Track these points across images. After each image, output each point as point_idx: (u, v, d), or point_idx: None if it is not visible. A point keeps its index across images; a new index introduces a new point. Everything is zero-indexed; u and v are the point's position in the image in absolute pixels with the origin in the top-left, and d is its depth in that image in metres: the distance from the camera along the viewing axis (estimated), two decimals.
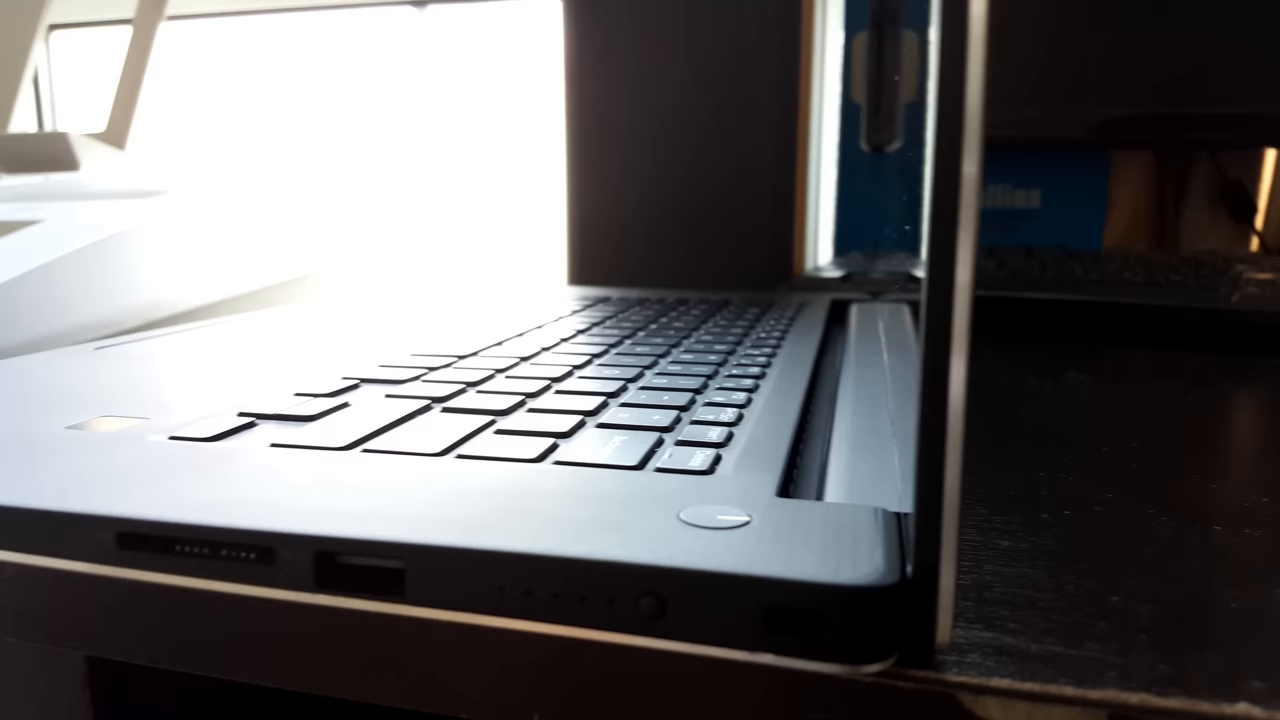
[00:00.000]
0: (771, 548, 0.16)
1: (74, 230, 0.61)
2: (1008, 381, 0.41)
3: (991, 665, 0.15)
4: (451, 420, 0.25)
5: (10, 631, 0.20)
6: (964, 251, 0.13)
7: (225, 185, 0.76)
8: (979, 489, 0.26)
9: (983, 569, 0.20)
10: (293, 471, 0.20)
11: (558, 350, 0.37)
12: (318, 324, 0.45)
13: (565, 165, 0.71)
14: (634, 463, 0.21)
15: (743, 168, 0.68)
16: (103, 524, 0.18)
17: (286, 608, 0.17)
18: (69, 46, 1.38)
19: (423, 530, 0.17)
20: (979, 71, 0.12)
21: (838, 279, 0.67)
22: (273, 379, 0.31)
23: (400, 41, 1.17)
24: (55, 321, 0.57)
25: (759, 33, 0.66)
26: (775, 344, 0.40)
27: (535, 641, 0.16)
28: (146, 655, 0.19)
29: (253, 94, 1.26)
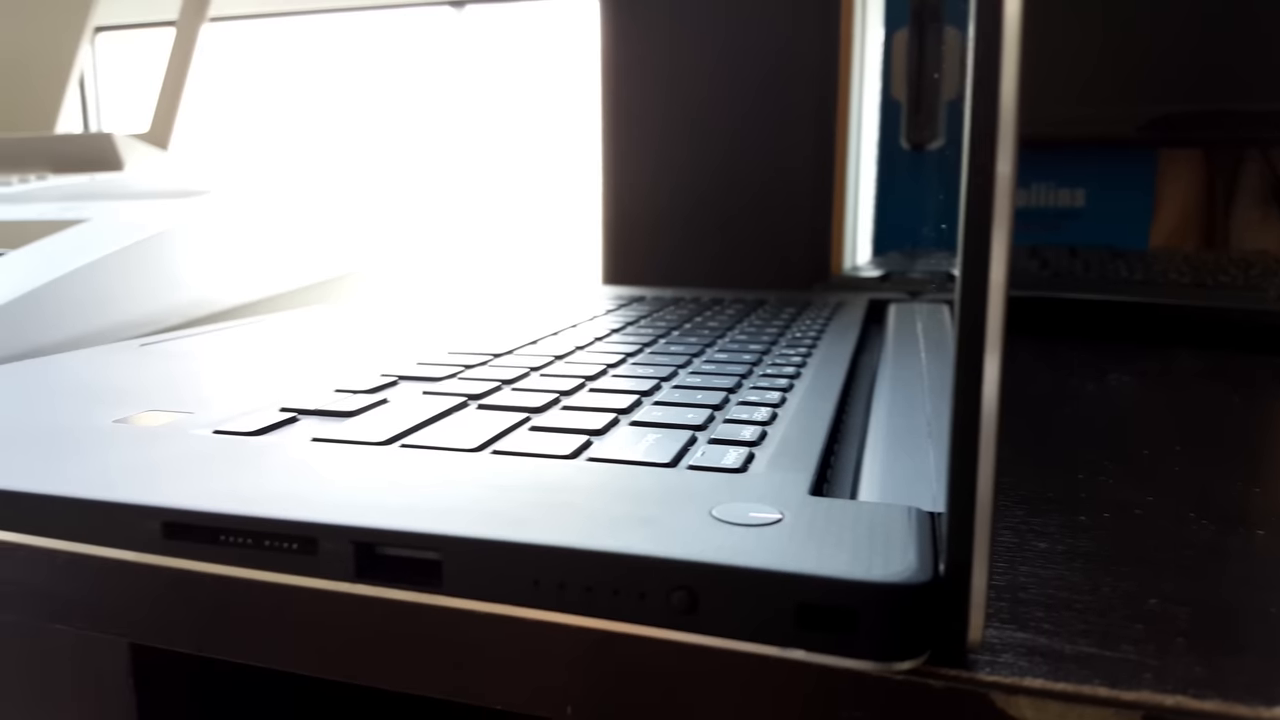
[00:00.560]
0: (803, 545, 0.16)
1: (118, 229, 0.63)
2: (1049, 383, 0.40)
3: (1025, 665, 0.15)
4: (487, 417, 0.25)
5: (58, 618, 0.20)
6: (998, 250, 0.13)
7: (265, 185, 0.77)
8: (1016, 490, 0.25)
9: (1018, 570, 0.20)
10: (334, 465, 0.21)
11: (592, 349, 0.37)
12: (356, 322, 0.45)
13: (600, 164, 0.71)
14: (667, 460, 0.21)
15: (780, 166, 0.68)
16: (150, 514, 0.18)
17: (327, 597, 0.18)
18: (114, 48, 1.41)
19: (459, 523, 0.17)
20: (1013, 70, 0.12)
21: (876, 279, 0.67)
22: (313, 375, 0.31)
23: (438, 41, 1.18)
24: (100, 319, 0.58)
25: (797, 30, 0.66)
26: (811, 343, 0.40)
27: (568, 634, 0.16)
28: (190, 643, 0.19)
29: (292, 94, 1.27)
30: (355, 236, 0.85)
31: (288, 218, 0.77)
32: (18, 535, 0.20)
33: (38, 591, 0.20)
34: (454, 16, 1.16)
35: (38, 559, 0.20)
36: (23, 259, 0.58)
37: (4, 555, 0.21)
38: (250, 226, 0.72)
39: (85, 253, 0.59)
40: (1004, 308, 0.13)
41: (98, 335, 0.57)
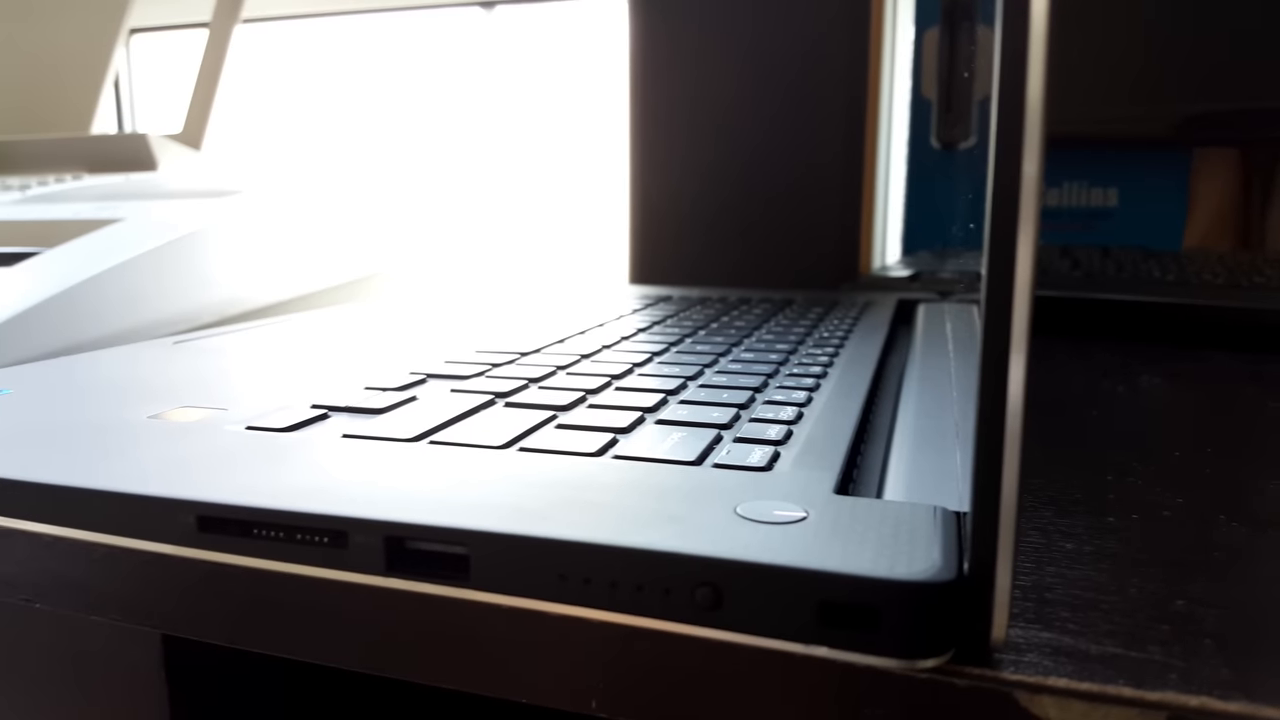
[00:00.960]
0: (828, 542, 0.16)
1: (152, 229, 0.64)
2: (1079, 384, 0.40)
3: (1049, 665, 0.15)
4: (514, 415, 0.26)
5: (94, 610, 0.21)
6: (1024, 250, 0.13)
7: (296, 186, 0.78)
8: (1044, 491, 0.25)
9: (1045, 570, 0.20)
10: (364, 461, 0.21)
11: (618, 348, 0.37)
12: (385, 321, 0.46)
13: (628, 164, 0.71)
14: (692, 458, 0.21)
15: (809, 165, 0.68)
16: (185, 508, 0.19)
17: (357, 590, 0.18)
18: (148, 49, 1.42)
19: (487, 518, 0.17)
20: (1040, 69, 0.12)
21: (905, 279, 0.67)
22: (343, 373, 0.32)
23: (468, 42, 1.18)
24: (134, 317, 0.59)
25: (827, 29, 0.66)
26: (838, 343, 0.40)
27: (593, 629, 0.17)
28: (223, 635, 0.20)
29: (323, 94, 1.29)
30: (383, 236, 0.86)
31: (317, 218, 0.77)
32: (56, 528, 0.21)
33: (75, 583, 0.21)
34: (484, 17, 1.17)
35: (75, 551, 0.21)
36: (59, 258, 0.59)
37: (43, 548, 0.21)
38: (281, 226, 0.73)
39: (119, 252, 0.60)
40: (1030, 307, 0.13)
41: (132, 333, 0.58)
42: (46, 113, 1.00)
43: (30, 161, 0.93)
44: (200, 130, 0.91)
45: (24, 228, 0.67)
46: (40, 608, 0.22)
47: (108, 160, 0.89)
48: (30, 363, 0.34)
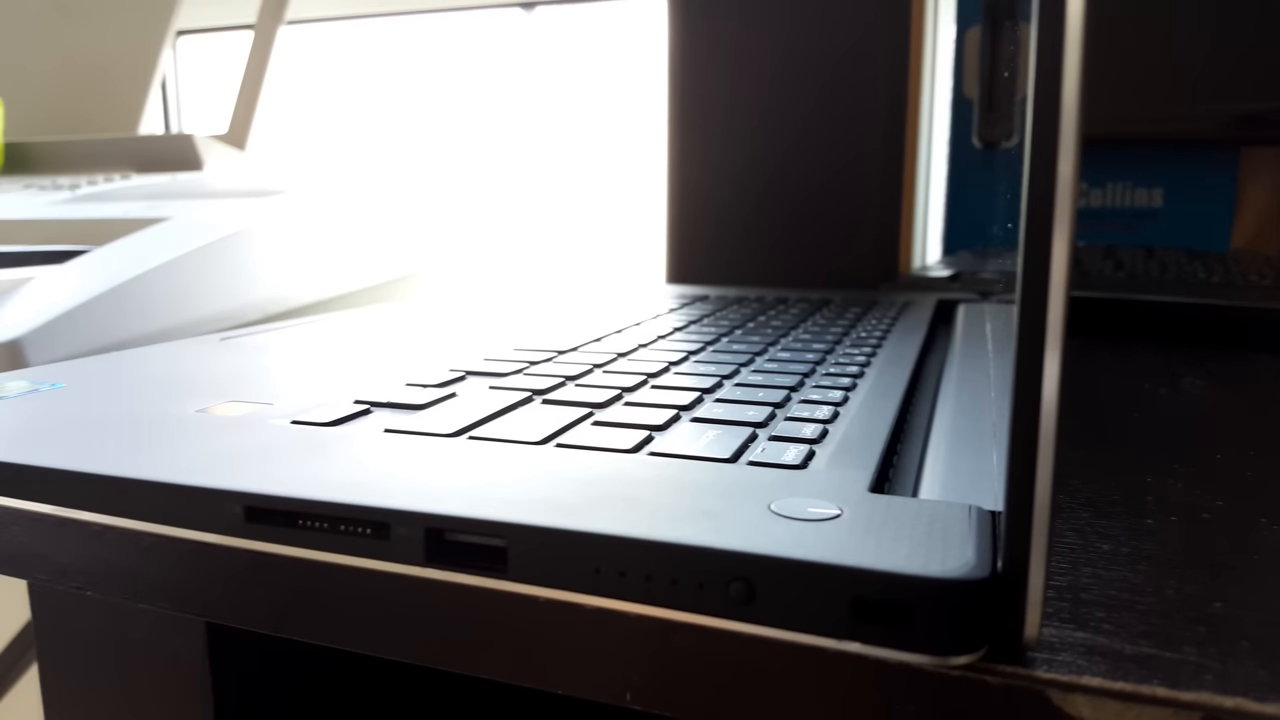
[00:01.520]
0: (861, 539, 0.16)
1: (197, 228, 0.65)
2: (1121, 386, 0.40)
3: (1083, 664, 0.15)
4: (552, 411, 0.26)
5: (142, 598, 0.22)
6: (1059, 250, 0.13)
7: (337, 186, 0.79)
8: (1082, 493, 0.25)
9: (1080, 571, 0.20)
10: (405, 455, 0.21)
11: (655, 347, 0.38)
12: (424, 319, 0.46)
13: (667, 163, 0.71)
14: (727, 456, 0.22)
15: (848, 165, 0.67)
16: (233, 498, 0.19)
17: (398, 580, 0.18)
18: (194, 51, 1.45)
19: (524, 511, 0.18)
20: (1076, 69, 0.12)
21: (945, 279, 0.66)
22: (385, 370, 0.32)
23: (509, 43, 1.19)
24: (180, 314, 0.60)
25: (867, 28, 0.66)
26: (876, 343, 0.40)
27: (628, 621, 0.17)
28: (266, 624, 0.20)
29: (365, 95, 1.30)
30: (422, 236, 0.87)
31: (358, 217, 0.78)
32: (107, 517, 0.21)
33: (124, 571, 0.22)
34: (524, 18, 1.18)
35: (125, 540, 0.21)
36: (107, 256, 0.61)
37: (93, 537, 0.22)
38: (323, 226, 0.74)
39: (166, 251, 0.61)
40: (1064, 307, 0.13)
41: (178, 330, 0.60)
42: (95, 114, 1.02)
43: (80, 161, 0.95)
44: (245, 131, 0.92)
45: (74, 226, 0.69)
46: (91, 595, 0.22)
47: (155, 160, 0.91)
48: (81, 358, 0.35)
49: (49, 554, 0.22)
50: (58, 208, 0.73)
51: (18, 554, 0.23)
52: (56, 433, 0.24)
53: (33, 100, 1.05)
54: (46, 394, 0.29)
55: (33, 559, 0.23)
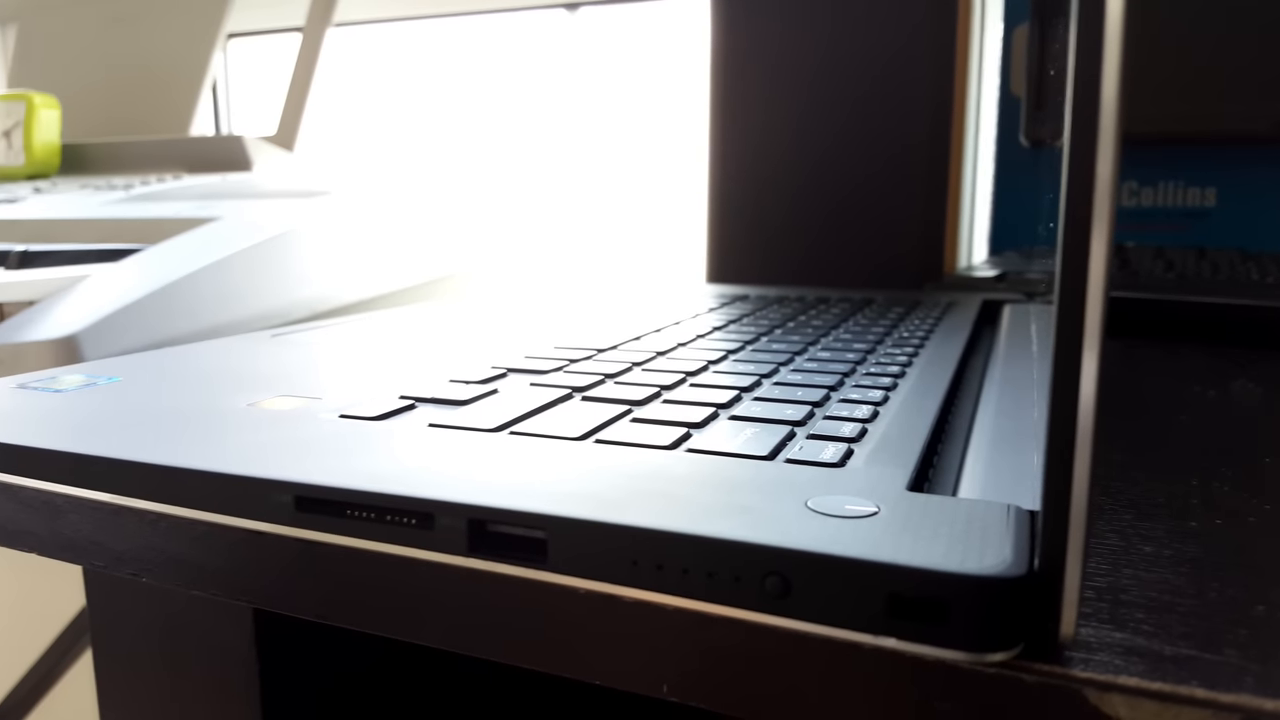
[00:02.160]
0: (898, 537, 0.16)
1: (247, 228, 0.66)
2: (1169, 388, 0.39)
3: (1120, 664, 0.15)
4: (591, 408, 0.26)
5: (193, 585, 0.22)
6: (1097, 250, 0.13)
7: (383, 187, 0.81)
8: (1125, 495, 0.25)
9: (1121, 572, 0.20)
10: (449, 449, 0.22)
11: (694, 345, 0.38)
12: (466, 318, 0.47)
13: (708, 162, 0.72)
14: (764, 453, 0.22)
15: (893, 163, 0.67)
16: (284, 488, 0.20)
17: (441, 570, 0.19)
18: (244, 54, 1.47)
19: (564, 504, 0.18)
20: (1115, 69, 0.12)
21: (991, 279, 0.66)
22: (429, 367, 0.33)
23: (553, 44, 1.20)
24: (229, 312, 0.62)
25: (914, 25, 0.65)
26: (919, 344, 0.40)
27: (665, 614, 0.17)
28: (314, 611, 0.21)
29: (410, 96, 1.32)
30: (465, 236, 0.88)
31: (402, 218, 0.79)
32: (162, 506, 0.22)
33: (178, 559, 0.22)
34: (568, 19, 1.18)
35: (179, 528, 0.22)
36: (160, 255, 0.62)
37: (149, 525, 0.22)
38: (368, 226, 0.75)
39: (216, 250, 0.63)
40: (1103, 307, 0.13)
41: (228, 327, 0.61)
42: (149, 116, 1.04)
43: (134, 162, 0.97)
44: (293, 132, 0.94)
45: (127, 225, 0.71)
46: (145, 581, 0.23)
47: (205, 161, 0.93)
48: (134, 353, 0.36)
49: (105, 541, 0.23)
50: (112, 207, 0.75)
51: (75, 541, 0.24)
52: (114, 424, 0.25)
53: (89, 103, 1.07)
54: (103, 387, 0.30)
55: (90, 546, 0.23)
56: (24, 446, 0.23)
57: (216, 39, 1.01)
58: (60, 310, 0.54)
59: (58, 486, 0.23)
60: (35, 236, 0.71)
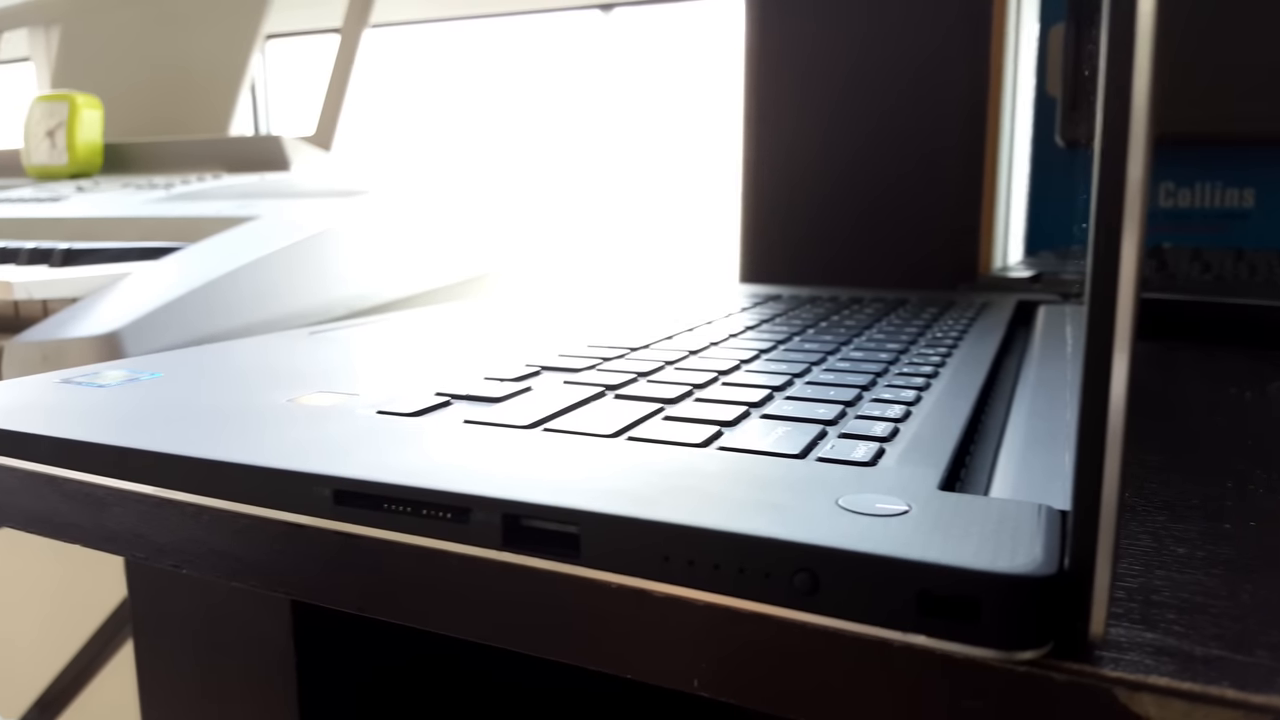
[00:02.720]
0: (929, 535, 0.17)
1: (285, 227, 0.67)
2: (1205, 390, 0.39)
3: (1150, 664, 0.15)
4: (623, 406, 0.27)
5: (234, 576, 0.23)
6: (1128, 251, 0.13)
7: (418, 187, 0.81)
8: (1159, 496, 0.25)
9: (1153, 574, 0.19)
10: (484, 444, 0.22)
11: (726, 345, 0.38)
12: (501, 316, 0.47)
13: (741, 161, 0.72)
14: (796, 451, 0.22)
15: (927, 162, 0.67)
16: (323, 482, 0.20)
17: (476, 563, 0.19)
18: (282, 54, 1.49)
19: (596, 500, 0.18)
20: (1146, 69, 0.12)
21: (1026, 279, 0.65)
22: (464, 364, 0.33)
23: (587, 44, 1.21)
24: (267, 309, 0.62)
25: (949, 25, 0.65)
26: (952, 344, 0.40)
27: (696, 610, 0.17)
28: (352, 603, 0.21)
29: (446, 96, 1.33)
30: (499, 236, 0.88)
31: (438, 218, 0.80)
32: (204, 499, 0.22)
33: (218, 551, 0.23)
34: (602, 20, 1.19)
35: (220, 521, 0.22)
36: (200, 253, 0.63)
37: (190, 517, 0.23)
38: (404, 226, 0.76)
39: (255, 249, 0.63)
40: (1134, 308, 0.13)
41: (266, 324, 0.62)
42: (189, 116, 1.06)
43: (174, 161, 0.99)
44: (330, 132, 0.95)
45: (168, 224, 0.72)
46: (186, 573, 0.24)
47: (244, 160, 0.95)
48: (176, 349, 0.37)
49: (148, 533, 0.24)
50: (153, 206, 0.77)
51: (119, 533, 0.24)
52: (157, 419, 0.25)
53: (131, 103, 1.09)
54: (146, 382, 0.30)
55: (133, 538, 0.24)
56: (69, 440, 0.24)
57: (255, 40, 1.03)
58: (102, 307, 0.55)
59: (102, 479, 0.24)
60: (78, 235, 0.73)
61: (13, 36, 1.21)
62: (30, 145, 0.98)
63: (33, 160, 0.98)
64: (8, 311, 0.59)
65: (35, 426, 0.25)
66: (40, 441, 0.25)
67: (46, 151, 0.98)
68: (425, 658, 0.33)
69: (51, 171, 0.97)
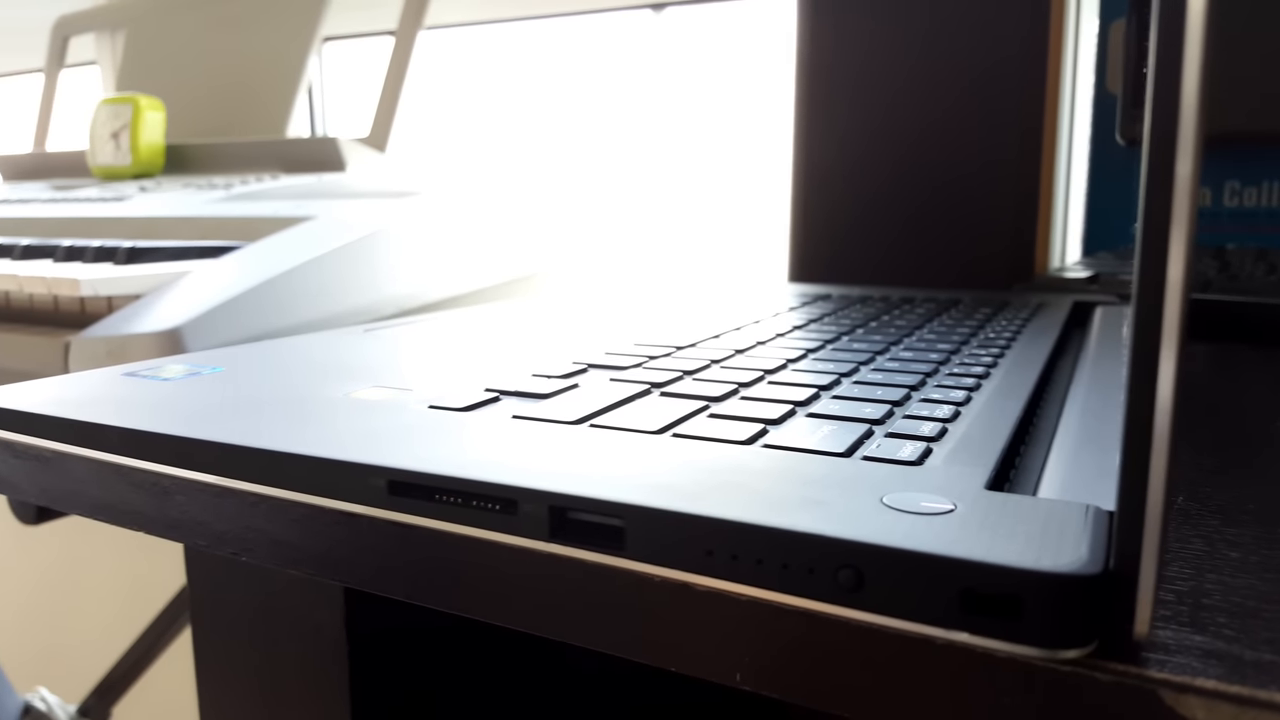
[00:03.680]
0: (973, 534, 0.17)
1: (340, 227, 0.69)
2: (1265, 395, 0.38)
3: (1198, 667, 0.15)
4: (669, 403, 0.27)
5: (290, 564, 0.23)
6: (1176, 250, 0.13)
7: (470, 188, 0.82)
8: (1213, 500, 0.25)
9: (1205, 577, 0.19)
10: (532, 439, 0.23)
11: (773, 344, 0.38)
12: (549, 315, 0.48)
13: (791, 159, 0.71)
14: (841, 450, 0.22)
15: (982, 160, 0.66)
16: (378, 473, 0.21)
17: (524, 554, 0.20)
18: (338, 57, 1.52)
19: (641, 494, 0.19)
20: (1196, 66, 0.12)
21: (1083, 280, 0.64)
22: (512, 361, 0.34)
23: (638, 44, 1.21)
24: (321, 308, 0.64)
25: (1004, 22, 0.64)
26: (1005, 345, 0.39)
27: (739, 603, 0.17)
28: (403, 591, 0.22)
29: (498, 97, 1.34)
30: (549, 236, 0.89)
31: (489, 218, 0.81)
32: (263, 488, 0.23)
33: (276, 539, 0.23)
34: (653, 19, 1.19)
35: (278, 509, 0.23)
36: (257, 252, 0.65)
37: (250, 506, 0.24)
38: (455, 226, 0.77)
39: (311, 248, 0.65)
40: (1182, 307, 0.13)
41: (321, 322, 0.63)
42: (248, 117, 1.08)
43: (233, 162, 1.01)
44: (385, 133, 0.96)
45: (227, 223, 0.74)
46: (245, 561, 0.24)
47: (301, 162, 0.96)
48: (234, 345, 0.38)
49: (209, 521, 0.25)
50: (213, 206, 0.78)
51: (181, 521, 0.25)
52: (218, 410, 0.26)
53: (192, 105, 1.12)
54: (207, 376, 0.31)
55: (194, 526, 0.25)
56: (137, 430, 0.25)
57: (313, 43, 1.04)
58: (164, 304, 0.56)
59: (167, 468, 0.25)
60: (141, 233, 0.75)
61: (80, 41, 1.24)
62: (96, 146, 1.01)
63: (98, 161, 1.01)
64: (74, 308, 0.60)
65: (103, 417, 0.26)
66: (108, 432, 0.25)
67: (111, 153, 1.00)
68: (473, 646, 0.34)
69: (116, 172, 1.00)
